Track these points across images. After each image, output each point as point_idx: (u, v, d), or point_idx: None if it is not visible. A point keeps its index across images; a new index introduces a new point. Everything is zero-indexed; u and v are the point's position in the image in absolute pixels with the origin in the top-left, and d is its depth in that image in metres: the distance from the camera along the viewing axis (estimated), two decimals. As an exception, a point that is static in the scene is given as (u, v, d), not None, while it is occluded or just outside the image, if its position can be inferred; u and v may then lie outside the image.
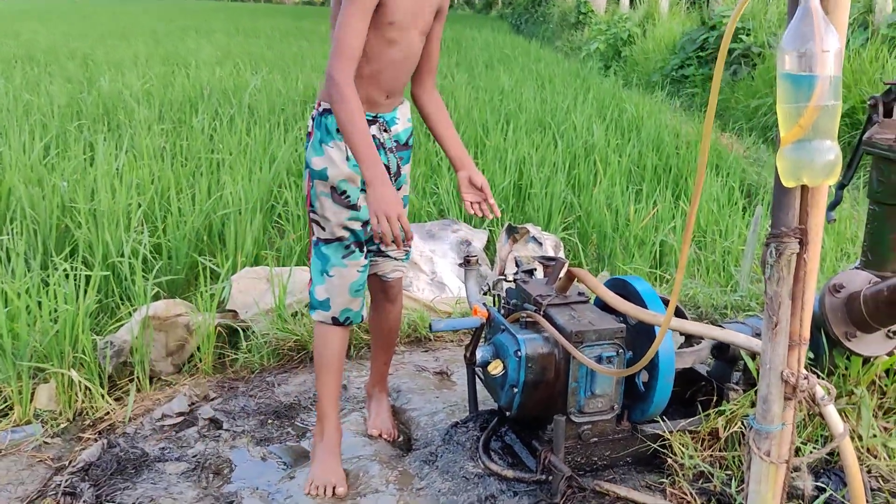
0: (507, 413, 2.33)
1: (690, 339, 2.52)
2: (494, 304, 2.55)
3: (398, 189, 2.40)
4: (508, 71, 10.69)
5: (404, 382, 3.00)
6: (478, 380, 2.54)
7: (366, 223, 2.32)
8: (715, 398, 2.42)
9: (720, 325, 2.52)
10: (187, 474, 2.45)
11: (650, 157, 5.92)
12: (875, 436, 2.28)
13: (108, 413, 2.78)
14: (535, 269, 2.56)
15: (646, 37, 12.70)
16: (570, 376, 2.19)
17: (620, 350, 2.19)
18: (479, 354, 2.27)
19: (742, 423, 2.26)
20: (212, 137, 6.12)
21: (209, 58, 11.26)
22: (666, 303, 2.32)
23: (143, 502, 2.30)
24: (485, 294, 2.59)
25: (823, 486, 2.15)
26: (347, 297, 2.35)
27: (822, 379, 1.89)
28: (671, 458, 2.28)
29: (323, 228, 2.32)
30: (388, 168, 2.33)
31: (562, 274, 2.40)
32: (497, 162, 5.42)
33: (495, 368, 2.21)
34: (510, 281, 2.50)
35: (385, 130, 2.33)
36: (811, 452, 2.16)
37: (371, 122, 2.28)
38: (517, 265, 2.55)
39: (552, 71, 11.13)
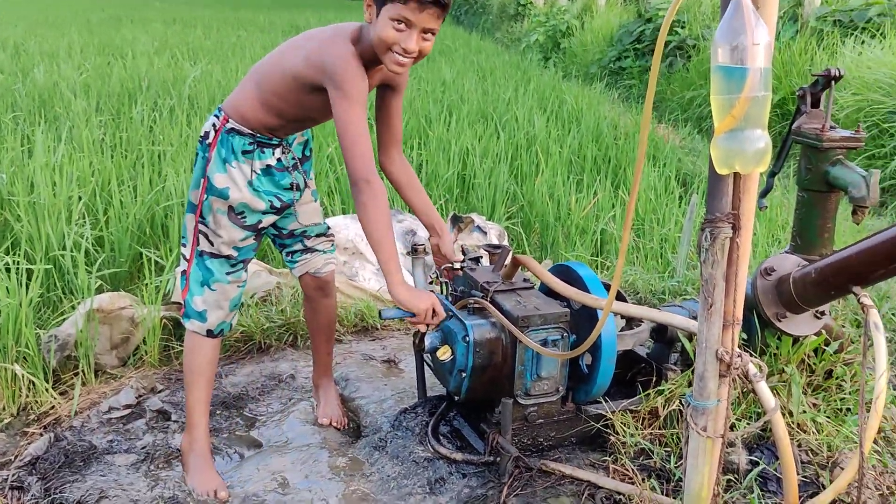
0: (456, 397, 2.39)
1: (630, 323, 2.60)
2: (442, 292, 2.60)
3: (305, 188, 2.43)
4: (450, 62, 10.72)
5: (352, 371, 3.03)
6: (426, 366, 2.59)
7: (257, 237, 2.37)
8: (654, 379, 2.51)
9: (659, 309, 2.61)
10: (136, 465, 2.45)
11: (590, 148, 6.02)
12: (805, 412, 2.39)
13: (53, 407, 2.75)
14: (482, 257, 2.61)
15: (584, 29, 12.86)
16: (517, 360, 2.25)
17: (565, 333, 2.26)
18: (428, 341, 2.30)
19: (680, 401, 2.36)
20: (151, 129, 6.03)
21: (146, 48, 11.05)
22: (607, 287, 2.40)
23: (93, 494, 2.29)
24: (432, 283, 2.64)
25: (757, 460, 2.26)
26: (226, 312, 2.37)
27: (755, 358, 1.97)
28: (614, 436, 2.37)
29: (211, 243, 2.31)
30: (296, 185, 2.37)
31: (507, 261, 2.45)
32: (441, 153, 5.45)
33: (444, 354, 2.25)
34: (457, 269, 2.54)
35: (287, 151, 2.35)
36: (745, 428, 2.26)
37: (277, 145, 2.31)
38: (464, 253, 2.59)
39: (493, 62, 11.21)
